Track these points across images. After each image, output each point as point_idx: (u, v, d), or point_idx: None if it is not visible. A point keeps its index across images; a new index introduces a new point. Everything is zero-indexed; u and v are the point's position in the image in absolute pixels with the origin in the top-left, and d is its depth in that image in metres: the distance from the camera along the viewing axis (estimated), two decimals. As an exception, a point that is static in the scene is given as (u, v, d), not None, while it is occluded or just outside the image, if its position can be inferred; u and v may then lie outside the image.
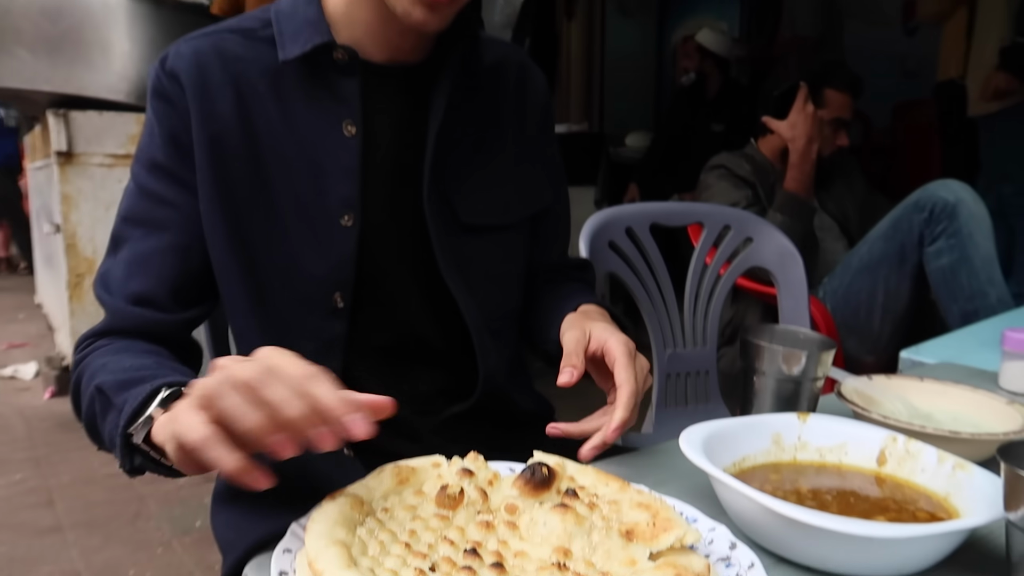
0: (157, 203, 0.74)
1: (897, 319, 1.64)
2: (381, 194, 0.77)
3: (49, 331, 3.67)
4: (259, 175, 0.73)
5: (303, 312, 0.76)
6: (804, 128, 1.74)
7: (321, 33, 0.73)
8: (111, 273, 0.75)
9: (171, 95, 0.73)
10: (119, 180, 2.74)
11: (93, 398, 0.65)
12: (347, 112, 0.74)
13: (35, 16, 2.67)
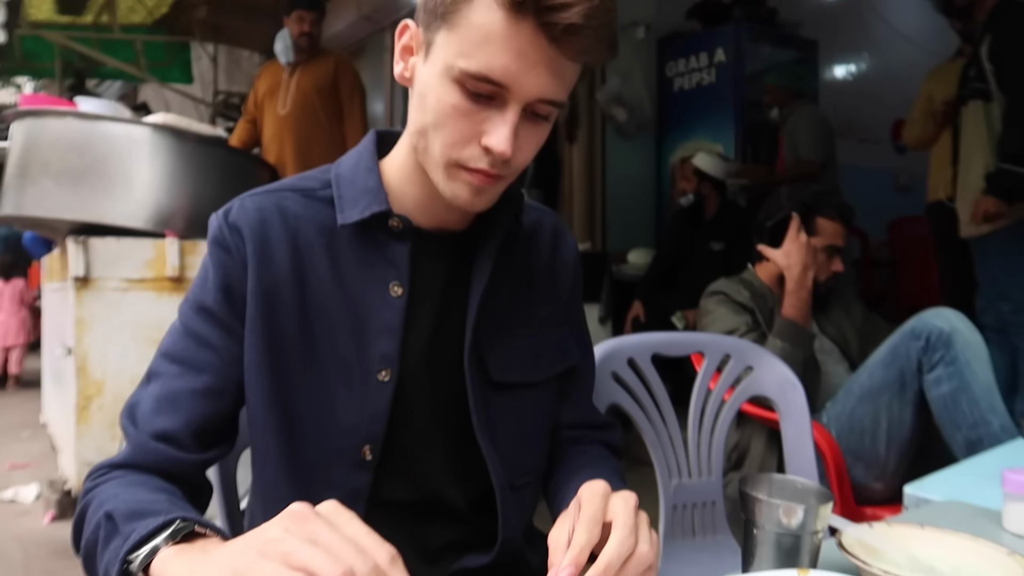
0: (200, 345, 0.77)
1: (903, 446, 1.64)
2: (418, 352, 0.81)
3: (53, 451, 3.65)
4: (306, 328, 0.78)
5: (331, 462, 0.78)
6: (799, 257, 1.80)
7: (380, 202, 0.78)
8: (139, 406, 0.77)
9: (231, 246, 0.78)
10: (133, 304, 2.81)
11: (99, 524, 0.66)
12: (395, 274, 0.79)
13: (63, 150, 2.80)
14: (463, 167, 0.73)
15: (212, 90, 6.98)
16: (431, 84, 0.72)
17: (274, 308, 0.77)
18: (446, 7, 0.69)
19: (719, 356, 1.48)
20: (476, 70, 0.68)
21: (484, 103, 0.71)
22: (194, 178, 2.94)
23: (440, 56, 0.71)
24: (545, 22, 0.66)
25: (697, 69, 4.86)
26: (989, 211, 2.44)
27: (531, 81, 0.69)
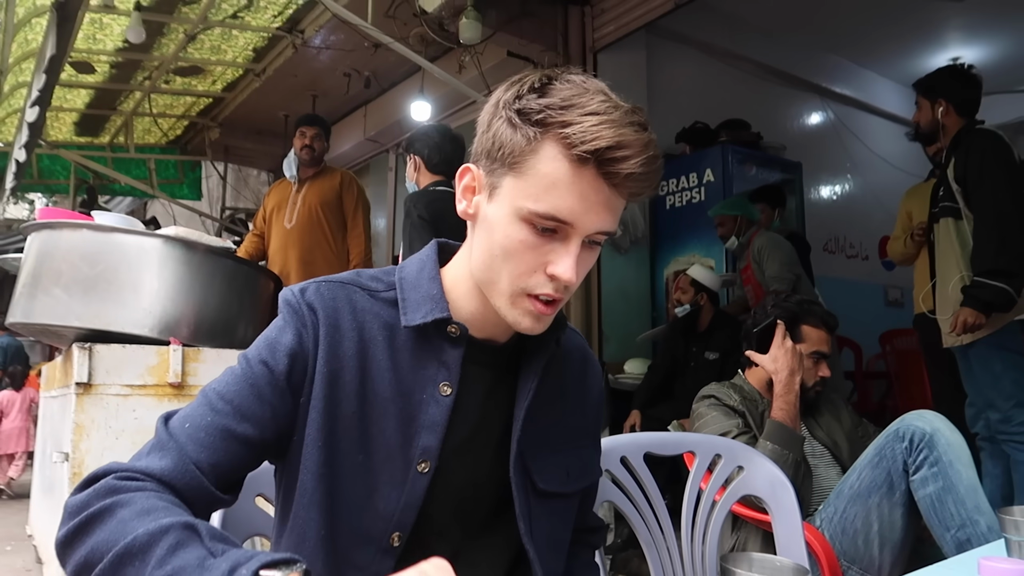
0: (255, 396, 0.81)
1: (895, 547, 1.65)
2: (456, 448, 0.87)
3: (37, 564, 3.56)
4: (361, 413, 0.84)
5: (362, 544, 0.83)
6: (785, 361, 1.86)
7: (441, 310, 0.87)
8: (182, 426, 0.80)
9: (307, 320, 0.85)
10: (133, 410, 2.83)
11: (161, 530, 0.65)
12: (446, 375, 0.87)
13: (75, 259, 2.90)
14: (528, 294, 0.82)
15: (220, 206, 7.22)
16: (500, 223, 0.81)
17: (336, 390, 0.83)
18: (513, 157, 0.79)
19: (710, 456, 1.52)
20: (544, 211, 0.78)
21: (549, 236, 0.80)
22: (201, 287, 3.04)
23: (507, 198, 0.81)
24: (606, 172, 0.77)
25: (687, 188, 5.07)
26: (968, 322, 2.53)
27: (592, 218, 0.79)
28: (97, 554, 0.67)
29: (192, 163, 7.12)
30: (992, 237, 2.55)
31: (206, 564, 0.62)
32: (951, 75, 2.91)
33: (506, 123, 0.80)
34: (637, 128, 0.77)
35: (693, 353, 3.87)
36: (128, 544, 0.65)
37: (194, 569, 0.62)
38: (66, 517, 0.72)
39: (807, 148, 5.94)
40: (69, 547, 0.70)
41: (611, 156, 0.75)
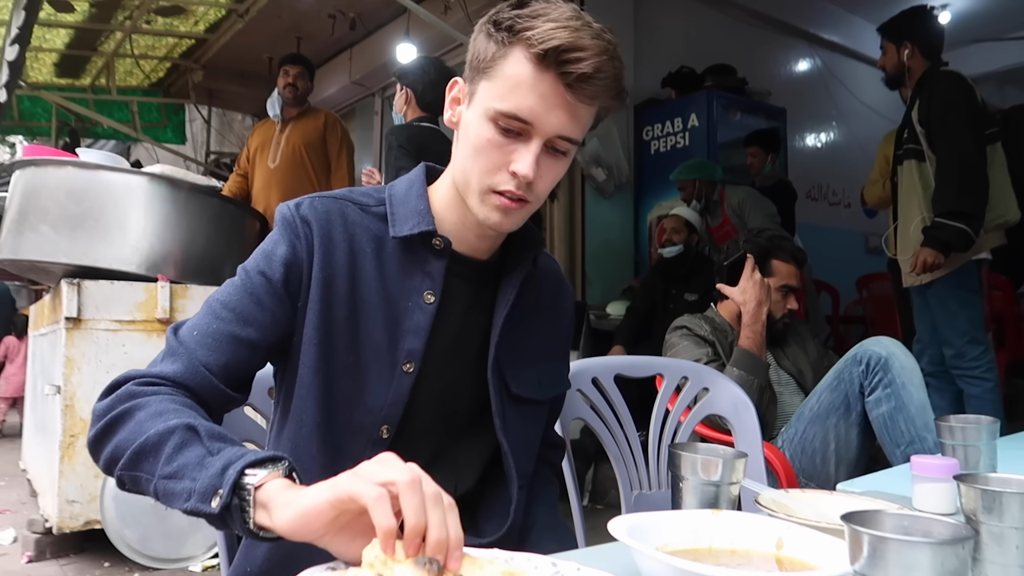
0: (255, 302, 0.88)
1: (851, 465, 1.75)
2: (439, 353, 0.95)
3: (31, 497, 3.66)
4: (352, 317, 0.91)
5: (355, 436, 0.91)
6: (753, 293, 1.94)
7: (427, 223, 0.94)
8: (190, 333, 0.87)
9: (300, 232, 0.91)
10: (122, 345, 2.89)
11: (169, 431, 0.73)
12: (430, 284, 0.94)
13: (62, 197, 2.93)
14: (494, 191, 0.89)
15: (204, 150, 7.17)
16: (472, 124, 0.89)
17: (330, 294, 0.90)
18: (486, 63, 0.87)
19: (677, 378, 1.60)
20: (507, 110, 0.85)
21: (513, 137, 0.87)
22: (187, 225, 3.07)
23: (480, 101, 0.88)
24: (563, 72, 0.83)
25: (672, 133, 5.10)
26: (927, 262, 2.62)
27: (551, 120, 0.85)
28: (119, 451, 0.76)
29: (176, 106, 7.04)
30: (953, 178, 2.62)
31: (204, 462, 0.70)
32: (915, 17, 2.95)
33: (484, 34, 0.88)
34: (595, 36, 0.83)
35: (673, 295, 3.95)
36: (142, 443, 0.74)
37: (195, 467, 0.70)
38: (94, 420, 0.81)
39: (792, 95, 5.95)
40: (98, 445, 0.80)
41: (566, 57, 0.82)
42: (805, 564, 0.68)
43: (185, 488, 0.69)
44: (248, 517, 0.66)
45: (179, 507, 0.70)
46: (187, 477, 0.70)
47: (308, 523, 0.61)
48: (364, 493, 0.59)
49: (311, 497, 0.62)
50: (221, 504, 0.66)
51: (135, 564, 2.81)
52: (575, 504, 1.40)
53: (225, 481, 0.66)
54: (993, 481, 0.76)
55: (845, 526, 0.56)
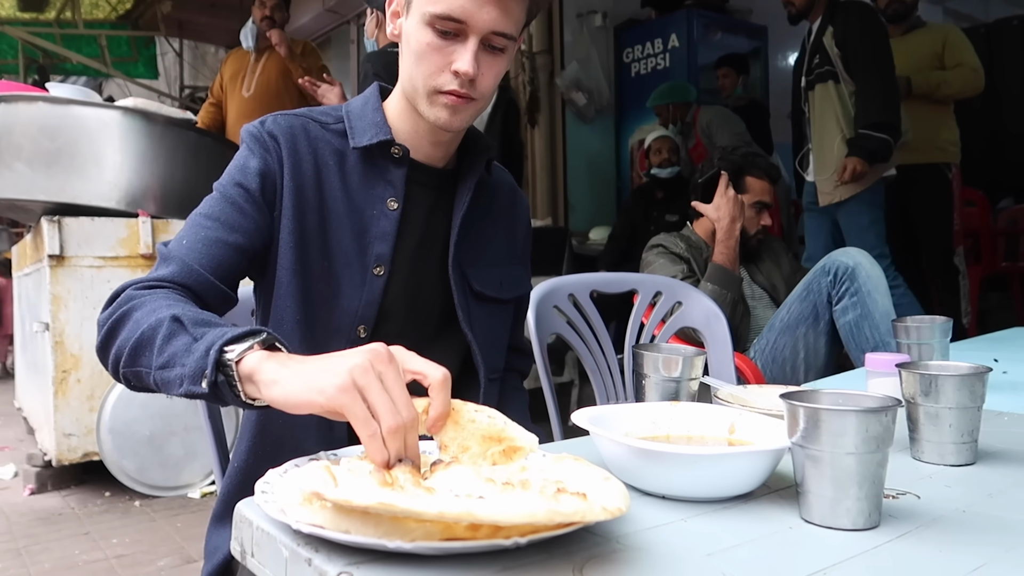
0: (237, 211, 0.93)
1: (819, 372, 1.82)
2: (407, 256, 1.00)
3: (28, 434, 3.73)
4: (323, 225, 0.96)
5: (333, 336, 0.96)
6: (727, 209, 1.98)
7: (385, 133, 0.99)
8: (179, 242, 0.91)
9: (269, 146, 0.95)
10: (107, 281, 2.91)
11: (159, 323, 0.76)
12: (392, 192, 0.99)
13: (35, 133, 2.89)
14: (440, 91, 0.93)
15: (178, 85, 7.03)
16: (411, 32, 0.94)
17: (302, 202, 0.95)
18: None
19: (651, 293, 1.65)
20: (440, 11, 0.89)
21: (451, 39, 0.91)
22: (165, 159, 3.05)
23: (416, 9, 0.92)
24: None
25: (652, 55, 5.04)
26: (856, 169, 2.75)
27: (483, 16, 0.90)
28: (120, 351, 0.80)
29: (146, 40, 6.86)
30: (877, 93, 2.79)
31: (191, 348, 0.73)
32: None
33: None
34: None
35: (654, 217, 3.98)
36: (138, 339, 0.78)
37: (183, 353, 0.74)
38: (99, 329, 0.85)
39: (774, 12, 5.83)
40: (104, 351, 0.84)
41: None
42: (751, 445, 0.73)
43: (177, 375, 0.73)
44: (237, 391, 0.70)
45: (176, 393, 0.74)
46: (177, 364, 0.74)
47: (296, 408, 0.65)
48: (364, 426, 0.61)
49: (303, 389, 0.64)
50: (208, 383, 0.70)
51: (135, 493, 2.90)
52: (552, 412, 1.46)
53: (209, 361, 0.70)
54: (930, 368, 0.81)
55: (783, 403, 0.61)
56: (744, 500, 0.67)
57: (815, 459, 0.59)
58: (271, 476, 0.60)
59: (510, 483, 0.57)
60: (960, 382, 0.77)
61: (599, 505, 0.51)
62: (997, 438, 0.89)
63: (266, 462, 0.75)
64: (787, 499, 0.67)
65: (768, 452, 0.64)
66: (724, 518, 0.63)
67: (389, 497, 0.49)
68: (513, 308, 1.15)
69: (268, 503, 0.55)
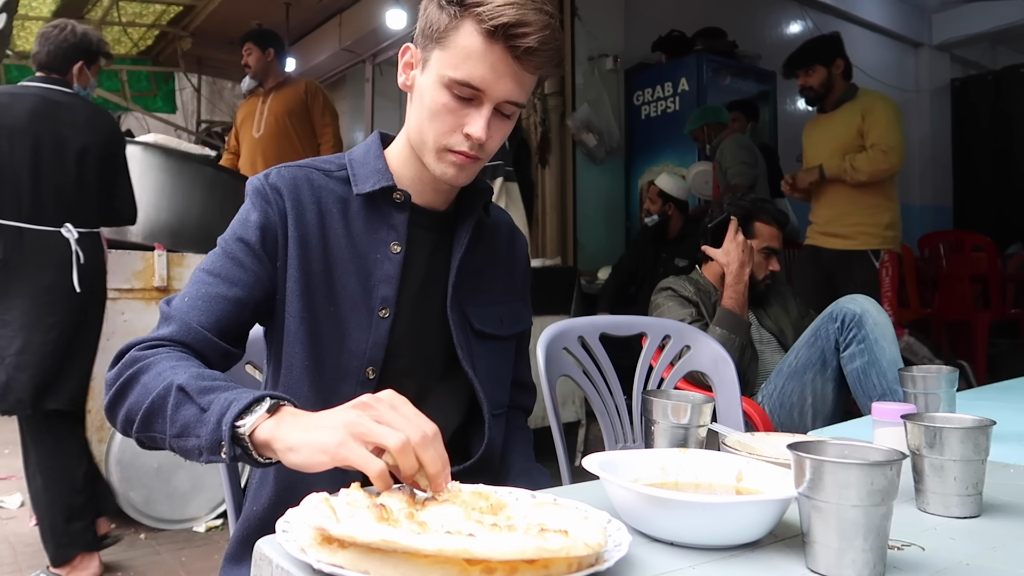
0: (236, 265, 0.97)
1: (827, 418, 1.83)
2: (411, 298, 1.03)
3: (37, 463, 3.74)
4: (327, 271, 0.99)
5: (343, 379, 0.99)
6: (736, 255, 2.00)
7: (387, 179, 1.03)
8: (179, 301, 0.95)
9: (271, 199, 0.99)
10: (121, 313, 2.94)
11: (167, 391, 0.81)
12: (395, 236, 1.03)
13: (57, 166, 2.95)
14: (450, 150, 0.97)
15: (195, 119, 7.15)
16: (427, 89, 0.97)
17: (306, 251, 0.99)
18: (440, 33, 0.94)
19: (660, 336, 1.66)
20: (460, 78, 0.93)
21: (465, 103, 0.95)
22: (182, 194, 3.11)
23: (434, 69, 0.96)
24: (511, 45, 0.92)
25: (663, 97, 5.12)
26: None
27: (500, 87, 0.94)
28: (131, 415, 0.85)
29: (165, 75, 7.01)
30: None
31: (201, 419, 0.78)
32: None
33: (436, 6, 0.96)
34: (538, 11, 0.92)
35: (663, 259, 4.01)
36: (148, 407, 0.82)
37: (194, 424, 0.79)
38: (106, 389, 0.89)
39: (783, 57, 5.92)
40: (112, 411, 0.88)
41: (514, 32, 0.91)
42: (759, 493, 0.74)
43: (195, 445, 0.78)
44: (254, 457, 0.76)
45: (198, 461, 0.79)
46: (192, 435, 0.79)
47: (311, 469, 0.71)
48: (367, 467, 0.68)
49: (311, 454, 0.70)
50: (229, 455, 0.76)
51: (140, 525, 2.90)
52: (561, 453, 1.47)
53: (223, 436, 0.75)
54: (935, 420, 0.83)
55: (791, 453, 0.63)
56: (751, 548, 0.68)
57: (820, 510, 0.61)
58: (291, 515, 0.62)
59: (497, 526, 0.60)
60: (964, 435, 0.78)
61: (581, 541, 0.55)
62: (1003, 490, 0.90)
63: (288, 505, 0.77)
64: (793, 548, 0.68)
65: (775, 501, 0.65)
66: (731, 566, 0.64)
67: (391, 534, 0.53)
68: (514, 344, 1.18)
69: (289, 542, 0.57)
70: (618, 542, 0.61)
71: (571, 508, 0.66)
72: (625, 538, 0.61)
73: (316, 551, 0.55)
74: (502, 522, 0.62)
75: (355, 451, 0.68)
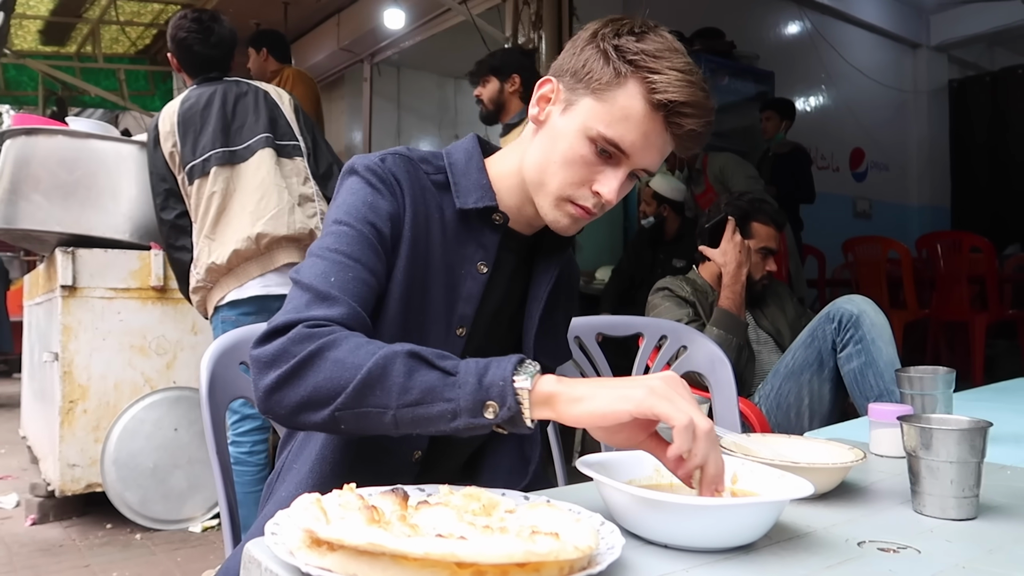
0: (372, 252, 0.91)
1: (824, 419, 1.83)
2: (486, 319, 1.01)
3: (32, 463, 3.73)
4: (425, 278, 0.96)
5: None
6: (734, 255, 2.00)
7: (490, 199, 0.98)
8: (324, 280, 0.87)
9: (394, 189, 0.95)
10: (117, 312, 2.94)
11: (388, 361, 0.76)
12: (484, 255, 0.99)
13: (53, 165, 2.95)
14: (572, 202, 0.94)
15: (193, 118, 7.14)
16: (566, 134, 0.92)
17: (415, 254, 0.95)
18: (599, 84, 0.90)
19: (656, 336, 1.66)
20: (611, 137, 0.89)
21: (604, 160, 0.92)
22: (178, 193, 3.10)
23: (581, 117, 0.91)
24: (673, 122, 0.89)
25: (661, 98, 5.11)
26: None
27: (646, 156, 0.91)
28: (323, 392, 0.77)
29: (163, 74, 6.99)
30: None
31: (452, 382, 0.75)
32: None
33: (600, 53, 0.90)
34: (706, 94, 0.89)
35: (660, 260, 4.00)
36: (363, 378, 0.76)
37: (442, 388, 0.75)
38: (265, 366, 0.80)
39: (781, 58, 5.96)
40: (279, 391, 0.79)
41: (681, 111, 0.88)
42: (754, 495, 0.74)
43: (445, 409, 0.74)
44: (525, 415, 0.74)
45: (440, 428, 0.75)
46: (439, 399, 0.74)
47: (604, 420, 0.71)
48: (674, 417, 0.69)
49: (611, 401, 0.71)
50: (504, 414, 0.73)
51: (136, 525, 2.89)
52: (556, 453, 1.47)
53: (495, 394, 0.73)
54: (931, 421, 0.82)
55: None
56: (746, 551, 0.67)
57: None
58: (280, 517, 0.62)
59: (489, 527, 0.59)
60: (961, 436, 0.77)
61: (571, 544, 0.55)
62: (999, 492, 0.90)
63: None
64: (790, 551, 0.68)
65: (771, 504, 0.65)
66: (726, 569, 0.63)
67: (379, 537, 0.52)
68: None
69: (278, 544, 0.57)
70: (611, 545, 0.60)
71: (564, 510, 0.65)
72: (618, 541, 0.61)
73: (305, 554, 0.55)
74: (495, 523, 0.62)
75: (662, 403, 0.69)
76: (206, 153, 2.20)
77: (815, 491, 0.71)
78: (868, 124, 6.91)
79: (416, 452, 0.98)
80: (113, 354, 2.93)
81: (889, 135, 7.15)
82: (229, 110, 2.28)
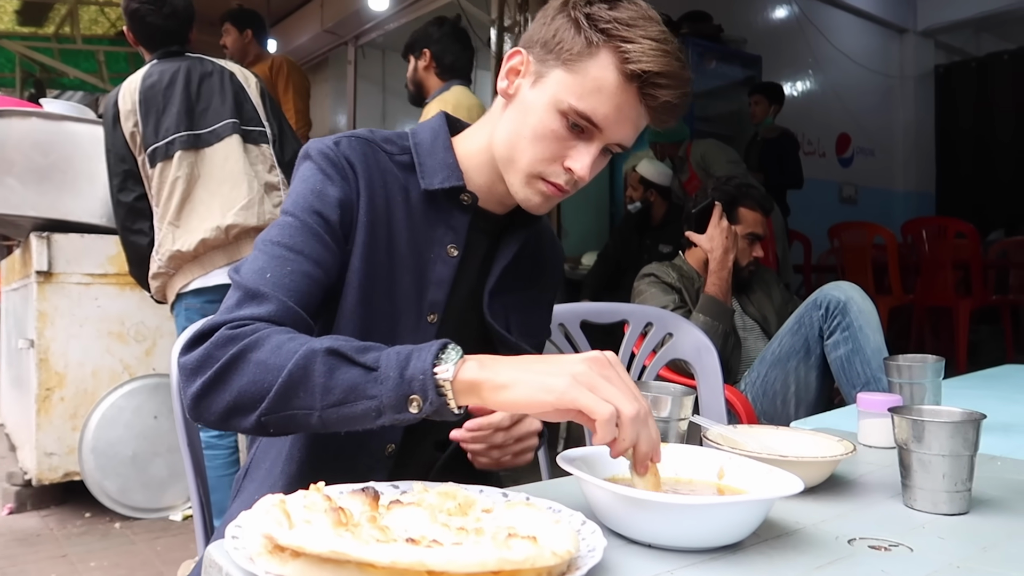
0: (317, 242, 0.88)
1: (810, 406, 1.81)
2: (458, 304, 0.97)
3: (10, 451, 3.67)
4: (389, 264, 0.92)
5: None
6: (720, 240, 1.97)
7: (457, 178, 0.95)
8: (259, 276, 0.84)
9: (347, 174, 0.91)
10: (95, 298, 2.88)
11: (307, 360, 0.72)
12: (453, 238, 0.95)
13: (27, 149, 2.87)
14: (543, 179, 0.90)
15: (174, 101, 7.03)
16: (536, 107, 0.88)
17: (373, 240, 0.91)
18: (570, 55, 0.85)
19: (642, 324, 1.63)
20: (583, 110, 0.85)
21: (576, 134, 0.87)
22: (157, 177, 3.03)
23: (551, 89, 0.87)
24: (647, 94, 0.84)
25: (648, 82, 5.07)
26: None
27: (619, 130, 0.87)
28: (248, 396, 0.74)
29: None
30: None
31: (373, 378, 0.70)
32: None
33: (571, 22, 0.86)
34: (682, 64, 0.85)
35: (647, 246, 3.98)
36: (284, 381, 0.72)
37: (364, 386, 0.70)
38: (191, 373, 0.77)
39: (769, 42, 5.92)
40: (206, 398, 0.76)
41: (656, 82, 0.83)
42: (742, 491, 0.71)
43: (368, 408, 0.70)
44: (451, 406, 0.70)
45: (366, 426, 0.71)
46: (362, 397, 0.71)
47: (528, 410, 0.69)
48: (595, 410, 0.65)
49: (533, 392, 0.67)
50: (428, 408, 0.69)
51: (115, 514, 2.85)
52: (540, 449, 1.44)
53: (415, 388, 0.69)
54: (923, 413, 0.80)
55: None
56: (733, 550, 0.65)
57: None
58: (243, 519, 0.58)
59: (464, 529, 0.56)
60: (953, 429, 0.75)
61: (548, 550, 0.52)
62: (991, 484, 0.88)
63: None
64: (778, 549, 0.65)
65: (759, 502, 0.62)
66: (713, 570, 0.61)
67: (342, 545, 0.49)
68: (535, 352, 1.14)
69: (237, 550, 0.53)
70: (591, 547, 0.58)
71: (544, 509, 0.62)
72: (599, 543, 0.58)
73: (266, 560, 0.52)
74: (470, 524, 0.58)
75: (587, 396, 0.65)
76: (170, 136, 2.11)
77: (804, 486, 0.68)
78: (854, 109, 6.89)
79: (389, 446, 0.94)
80: (91, 341, 2.87)
81: (875, 120, 7.14)
82: (193, 90, 2.19)
